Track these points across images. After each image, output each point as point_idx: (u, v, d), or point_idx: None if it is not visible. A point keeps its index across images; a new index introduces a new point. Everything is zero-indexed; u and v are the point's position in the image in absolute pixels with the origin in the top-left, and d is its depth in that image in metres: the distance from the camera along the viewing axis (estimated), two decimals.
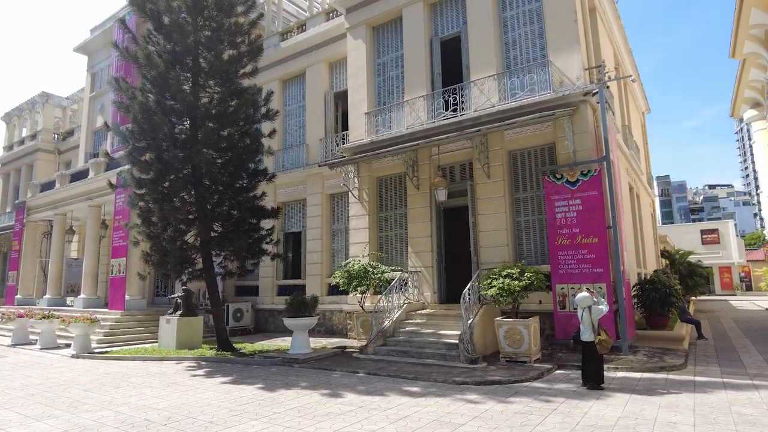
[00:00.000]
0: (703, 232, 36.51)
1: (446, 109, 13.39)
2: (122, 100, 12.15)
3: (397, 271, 13.00)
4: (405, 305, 12.34)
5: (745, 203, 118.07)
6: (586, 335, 8.05)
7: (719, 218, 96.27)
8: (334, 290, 16.08)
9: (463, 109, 13.14)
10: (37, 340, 14.82)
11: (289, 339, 15.11)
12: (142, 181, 11.98)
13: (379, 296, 13.47)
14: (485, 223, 12.44)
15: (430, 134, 13.15)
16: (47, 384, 9.18)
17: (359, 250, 14.48)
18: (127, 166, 16.02)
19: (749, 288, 38.18)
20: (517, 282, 10.03)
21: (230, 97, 12.58)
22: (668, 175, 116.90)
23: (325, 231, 16.88)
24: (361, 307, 13.04)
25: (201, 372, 10.20)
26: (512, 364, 9.85)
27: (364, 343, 11.74)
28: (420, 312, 12.41)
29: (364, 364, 10.32)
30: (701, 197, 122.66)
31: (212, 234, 12.23)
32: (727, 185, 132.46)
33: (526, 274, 10.20)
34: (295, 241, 18.01)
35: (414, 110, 13.96)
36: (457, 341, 10.37)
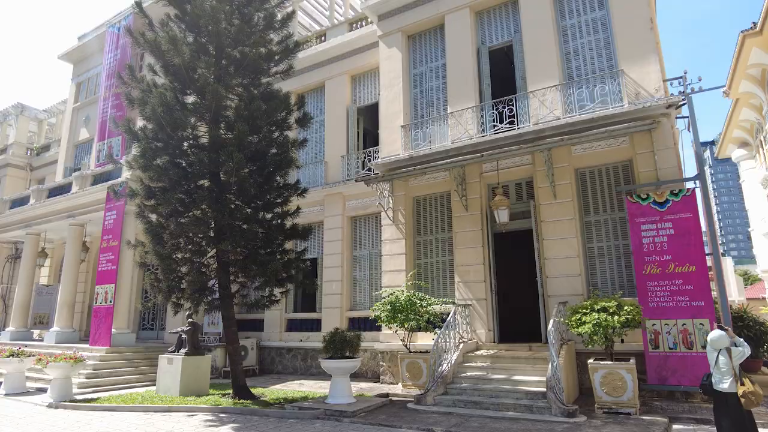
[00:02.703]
0: None
1: (500, 122, 12.04)
2: (133, 94, 10.28)
3: (449, 303, 11.23)
4: (461, 345, 10.51)
5: None
6: (725, 384, 6.38)
7: None
8: (356, 325, 14.09)
9: (520, 121, 11.83)
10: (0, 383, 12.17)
11: (306, 382, 13.14)
12: (153, 190, 9.97)
13: (418, 333, 11.66)
14: (552, 249, 10.89)
15: (481, 149, 11.67)
16: None
17: (394, 279, 12.65)
18: (126, 175, 14.00)
19: None
20: (616, 317, 8.42)
21: (259, 99, 10.87)
22: None
23: (345, 258, 14.99)
24: (405, 346, 11.10)
25: (228, 429, 8.01)
26: (613, 416, 8.12)
27: (419, 391, 9.79)
28: (477, 353, 10.57)
29: (430, 417, 8.36)
30: None
31: (238, 256, 10.19)
32: None
33: (624, 308, 8.61)
34: (308, 269, 15.96)
35: (460, 123, 12.55)
36: (541, 389, 8.62)
